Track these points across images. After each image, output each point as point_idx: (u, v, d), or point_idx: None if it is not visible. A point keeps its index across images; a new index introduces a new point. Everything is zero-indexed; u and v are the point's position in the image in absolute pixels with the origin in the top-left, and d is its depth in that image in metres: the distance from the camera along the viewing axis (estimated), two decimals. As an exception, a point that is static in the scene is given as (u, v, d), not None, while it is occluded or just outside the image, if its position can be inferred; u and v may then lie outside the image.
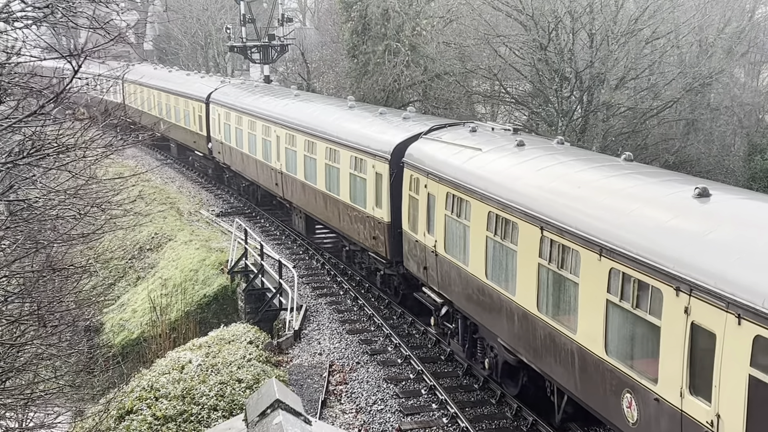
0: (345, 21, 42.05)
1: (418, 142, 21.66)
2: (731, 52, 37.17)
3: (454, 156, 19.33)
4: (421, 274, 21.19)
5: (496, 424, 17.56)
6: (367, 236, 24.07)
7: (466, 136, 20.21)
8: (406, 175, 21.47)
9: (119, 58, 46.87)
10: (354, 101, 29.48)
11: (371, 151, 23.39)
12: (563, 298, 14.62)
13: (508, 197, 16.31)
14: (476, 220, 17.60)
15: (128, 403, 18.00)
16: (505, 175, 17.06)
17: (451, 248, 19.07)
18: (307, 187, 28.79)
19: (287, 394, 5.91)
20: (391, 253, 22.86)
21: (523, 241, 15.70)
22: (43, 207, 12.43)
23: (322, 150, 26.96)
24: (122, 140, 14.82)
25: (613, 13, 33.90)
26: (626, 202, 13.71)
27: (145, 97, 52.47)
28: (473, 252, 17.83)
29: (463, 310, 18.98)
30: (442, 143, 20.48)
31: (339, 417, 18.16)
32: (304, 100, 32.62)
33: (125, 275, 33.91)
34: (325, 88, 47.62)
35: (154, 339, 26.45)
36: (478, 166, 18.15)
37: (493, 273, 17.07)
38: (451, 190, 18.80)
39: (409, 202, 21.38)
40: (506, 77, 38.03)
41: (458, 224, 18.61)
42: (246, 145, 35.75)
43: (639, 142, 34.88)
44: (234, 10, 61.15)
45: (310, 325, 23.60)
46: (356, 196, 24.61)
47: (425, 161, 20.51)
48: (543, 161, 16.96)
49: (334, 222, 26.78)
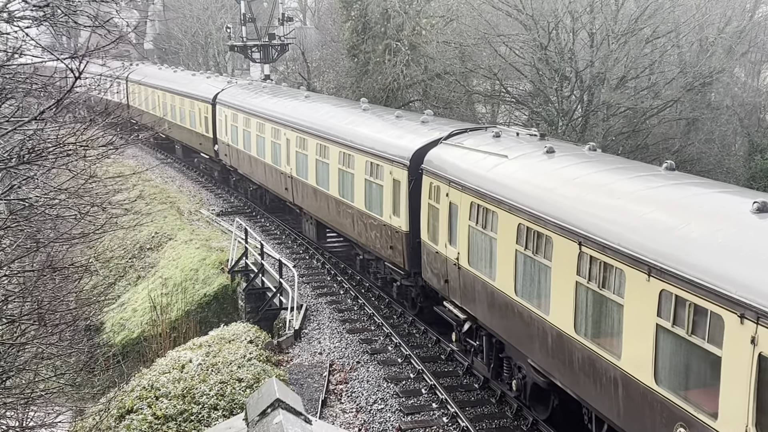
0: (345, 20, 42.06)
1: (437, 147, 20.58)
2: (732, 52, 37.16)
3: (478, 163, 18.23)
4: (441, 288, 20.07)
5: (497, 424, 17.56)
6: (383, 245, 23.07)
7: (489, 142, 19.11)
8: (426, 183, 20.41)
9: (120, 58, 46.87)
10: (367, 103, 28.46)
11: (388, 157, 22.34)
12: (605, 320, 13.43)
13: (541, 209, 15.15)
14: (504, 233, 16.43)
15: (128, 403, 18.02)
16: (536, 185, 15.93)
17: (476, 261, 17.94)
18: (319, 193, 27.73)
19: (287, 394, 5.91)
20: (409, 264, 21.80)
21: (558, 256, 14.53)
22: (44, 206, 12.44)
23: (335, 154, 25.96)
24: (123, 139, 14.83)
25: (613, 13, 33.92)
26: (677, 217, 12.54)
27: (149, 98, 51.69)
28: (501, 266, 16.65)
29: (488, 327, 17.85)
30: (465, 149, 19.43)
31: (339, 416, 18.17)
32: (315, 102, 31.62)
33: (125, 274, 33.91)
34: (326, 87, 47.62)
35: (155, 338, 26.45)
36: (506, 175, 17.03)
37: (523, 289, 15.89)
38: (476, 199, 17.64)
39: (429, 211, 20.35)
40: (506, 77, 38.04)
41: (484, 236, 17.44)
42: (254, 148, 34.70)
43: (639, 142, 34.91)
44: (234, 10, 61.19)
45: (310, 325, 23.60)
46: (372, 203, 23.54)
47: (446, 168, 19.40)
48: (577, 170, 15.84)
49: (348, 230, 25.71)
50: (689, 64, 35.15)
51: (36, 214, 12.67)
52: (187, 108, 44.96)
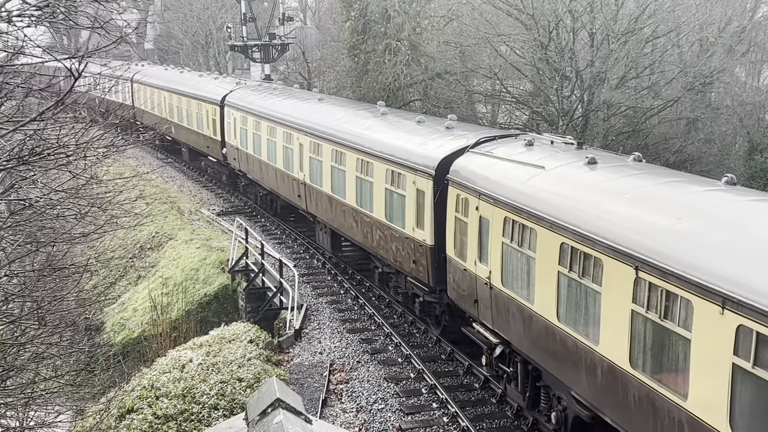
0: (345, 20, 42.07)
1: (465, 156, 19.23)
2: (732, 52, 37.18)
3: (512, 174, 16.91)
4: (470, 308, 18.63)
5: (497, 424, 17.56)
6: (405, 259, 21.67)
7: (521, 151, 17.80)
8: (452, 195, 19.01)
9: (120, 58, 46.82)
10: (385, 107, 27.32)
11: (411, 165, 20.95)
12: (668, 356, 12.10)
13: (588, 228, 13.75)
14: (544, 252, 15.06)
15: (129, 402, 18.03)
16: (581, 200, 14.57)
17: (510, 281, 16.53)
18: (335, 201, 26.29)
19: (288, 393, 5.92)
20: (434, 280, 20.36)
21: (610, 281, 13.15)
22: (44, 207, 12.45)
23: (353, 161, 24.57)
24: (124, 140, 14.84)
25: (613, 12, 33.93)
26: (754, 242, 11.23)
27: (155, 99, 50.59)
28: (540, 288, 15.27)
29: (524, 353, 16.48)
30: (495, 159, 18.05)
31: (340, 416, 18.18)
32: (330, 105, 30.17)
33: (126, 274, 33.93)
34: (326, 87, 47.62)
35: (155, 338, 26.46)
36: (544, 188, 15.70)
37: (567, 315, 14.53)
38: (510, 214, 16.25)
39: (456, 225, 18.91)
40: (507, 76, 38.06)
41: (520, 255, 16.07)
42: (265, 153, 33.27)
43: (640, 142, 34.91)
44: (235, 9, 61.19)
45: (310, 324, 23.61)
46: (393, 214, 22.19)
47: (475, 180, 18.01)
48: (626, 183, 14.49)
49: (366, 241, 24.29)
50: (689, 64, 35.15)
51: (36, 215, 12.68)
52: (194, 110, 43.92)
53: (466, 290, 18.67)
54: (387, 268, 23.81)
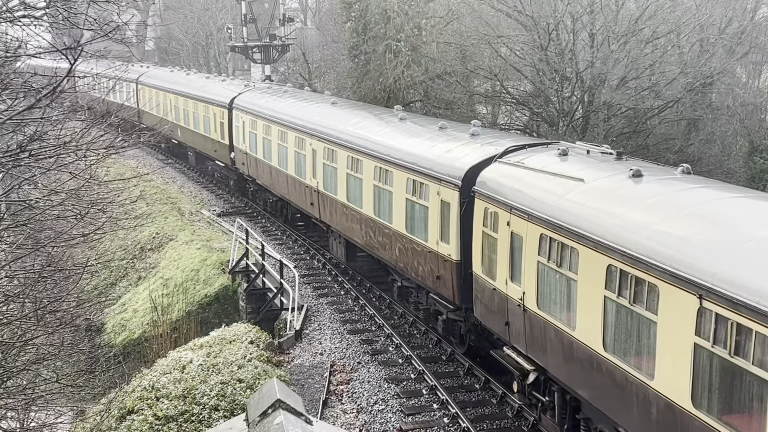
0: (345, 21, 42.07)
1: (493, 166, 18.07)
2: (732, 52, 37.17)
3: (548, 188, 15.82)
4: (500, 330, 17.43)
5: (497, 424, 17.55)
6: (428, 274, 20.49)
7: (555, 161, 16.69)
8: (479, 208, 17.83)
9: (120, 59, 46.70)
10: (403, 111, 26.23)
11: (435, 175, 19.74)
12: (738, 398, 10.90)
13: (641, 249, 12.53)
14: (588, 274, 13.89)
15: (129, 403, 18.04)
16: (629, 218, 13.40)
17: (547, 304, 15.35)
18: (350, 211, 25.06)
19: (288, 394, 5.91)
20: (460, 298, 19.20)
21: (667, 310, 11.91)
22: (44, 207, 12.44)
23: (370, 169, 23.40)
24: (124, 140, 14.83)
25: (613, 13, 33.94)
26: None
27: (161, 101, 49.38)
28: (583, 314, 14.06)
29: (562, 383, 15.23)
30: (527, 170, 16.90)
31: (340, 417, 18.17)
32: (344, 109, 29.09)
33: (126, 275, 33.93)
34: (326, 88, 47.62)
35: (156, 339, 26.46)
36: (585, 203, 14.57)
37: (615, 345, 13.28)
38: (547, 231, 15.09)
39: (484, 240, 17.73)
40: (507, 77, 38.03)
41: (558, 276, 14.90)
42: (275, 158, 32.07)
43: (640, 142, 34.93)
44: (235, 10, 61.23)
45: (311, 325, 23.60)
46: (414, 226, 21.05)
47: (506, 192, 16.84)
48: (679, 198, 13.30)
49: (384, 253, 23.10)
50: (690, 65, 35.14)
51: (36, 215, 12.68)
52: (201, 113, 42.66)
53: (495, 311, 17.42)
54: (407, 282, 22.72)
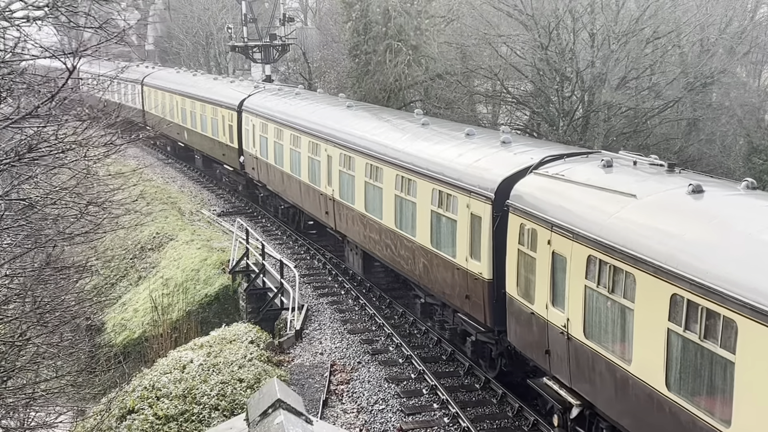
0: (346, 21, 42.11)
1: (529, 178, 16.74)
2: (732, 52, 37.19)
3: (594, 203, 14.48)
4: (539, 358, 16.05)
5: (498, 424, 17.54)
6: (456, 293, 19.12)
7: (600, 174, 15.40)
8: (514, 223, 16.45)
9: (120, 58, 46.68)
10: (424, 115, 24.87)
11: (464, 186, 18.34)
12: None
13: (712, 278, 11.24)
14: (648, 303, 12.53)
15: (130, 403, 18.04)
16: (696, 242, 12.12)
17: (596, 333, 13.97)
18: (369, 221, 23.68)
19: (288, 394, 5.91)
20: (493, 319, 17.78)
21: (747, 349, 10.63)
22: (44, 206, 12.44)
23: (390, 178, 22.03)
24: (123, 139, 14.83)
25: (614, 13, 33.95)
26: None
27: (167, 103, 48.10)
28: (641, 347, 12.72)
29: (613, 420, 13.94)
30: (568, 183, 15.57)
31: (340, 417, 18.17)
32: (361, 113, 27.61)
33: (126, 275, 33.94)
34: (327, 87, 47.65)
35: (156, 338, 26.45)
36: (640, 222, 13.28)
37: (681, 385, 11.94)
38: (596, 252, 13.75)
39: (519, 259, 16.36)
40: (507, 77, 38.08)
41: (611, 303, 13.53)
42: (287, 163, 30.67)
43: (640, 142, 34.94)
44: (235, 10, 61.24)
45: (311, 325, 23.60)
46: (441, 240, 19.67)
47: (546, 208, 15.50)
48: (752, 219, 12.18)
49: (407, 268, 21.77)
50: (690, 65, 35.18)
51: (36, 214, 12.68)
52: (209, 115, 41.32)
53: (533, 337, 16.02)
54: (431, 299, 21.34)
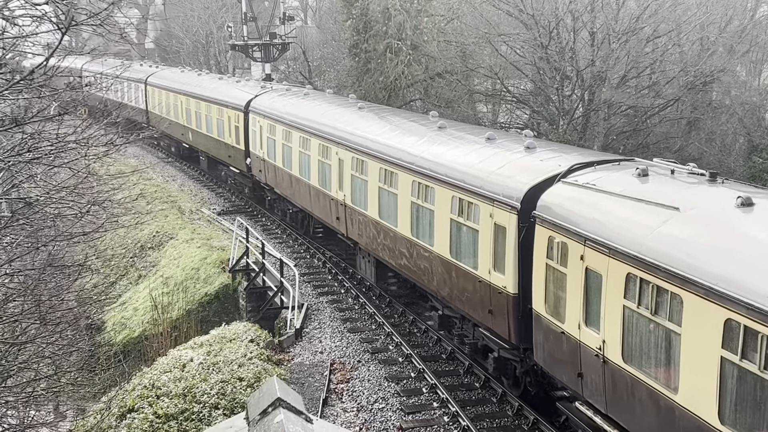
0: (346, 19, 42.11)
1: (557, 188, 15.70)
2: (733, 51, 37.20)
3: (632, 216, 13.50)
4: (570, 381, 15.02)
5: (498, 423, 17.55)
6: (478, 307, 18.12)
7: (635, 183, 14.44)
8: (542, 236, 15.44)
9: (120, 57, 46.55)
10: (440, 118, 24.01)
11: (487, 194, 17.32)
12: None
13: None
14: (697, 327, 11.56)
15: (130, 402, 18.05)
16: (753, 263, 11.18)
17: (637, 358, 12.96)
18: (383, 229, 22.75)
19: (288, 393, 5.91)
20: (518, 336, 16.79)
21: None
22: (44, 205, 12.45)
23: (407, 184, 21.02)
24: (123, 138, 14.82)
25: (614, 12, 33.94)
26: None
27: (171, 103, 47.45)
28: (689, 375, 11.69)
29: None
30: (601, 193, 14.57)
31: (340, 415, 18.17)
32: (375, 115, 26.62)
33: (126, 274, 33.94)
34: (327, 86, 47.65)
35: (156, 337, 26.46)
36: (686, 238, 12.35)
37: (737, 418, 10.99)
38: (637, 270, 12.76)
39: (548, 274, 15.37)
40: (507, 76, 38.09)
41: (654, 326, 12.55)
42: (296, 167, 29.68)
43: (640, 141, 34.97)
44: (235, 9, 61.26)
45: (311, 324, 23.60)
46: (461, 251, 18.67)
47: (577, 220, 14.48)
48: None
49: (423, 279, 20.85)
50: (690, 63, 35.16)
51: (36, 213, 12.68)
52: (214, 115, 40.32)
53: (564, 358, 15.02)
54: (449, 311, 20.27)
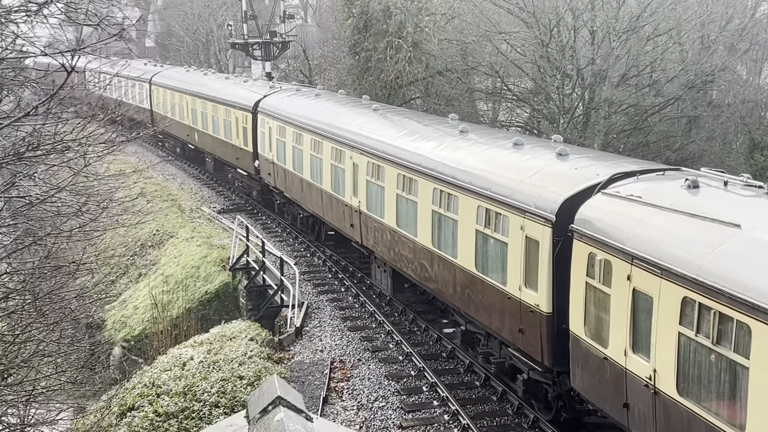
0: (346, 18, 42.09)
1: (597, 199, 14.60)
2: (733, 49, 37.20)
3: (687, 233, 12.40)
4: (613, 411, 13.95)
5: (498, 421, 17.54)
6: (506, 324, 17.03)
7: (686, 196, 13.32)
8: (580, 251, 14.36)
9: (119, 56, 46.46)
10: (460, 121, 23.25)
11: (517, 205, 16.21)
12: None
13: None
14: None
15: (130, 400, 18.06)
16: None
17: (695, 391, 11.82)
18: (401, 238, 21.68)
19: (289, 391, 5.91)
20: (551, 359, 15.64)
21: None
22: (43, 203, 12.44)
23: (427, 191, 19.96)
24: (123, 136, 14.82)
25: (614, 10, 33.94)
26: None
27: (176, 103, 46.75)
28: (759, 413, 10.64)
29: None
30: (649, 206, 13.45)
31: (340, 414, 18.17)
32: (391, 118, 25.45)
33: (127, 272, 33.95)
34: (327, 85, 47.66)
35: (156, 336, 26.47)
36: (755, 260, 11.25)
37: None
38: (695, 294, 11.62)
39: (588, 293, 14.26)
40: (508, 74, 38.11)
41: (716, 357, 11.39)
42: (307, 170, 28.69)
43: (641, 140, 34.98)
44: (235, 7, 61.26)
45: (311, 322, 23.60)
46: (488, 264, 17.57)
47: (622, 236, 13.37)
48: None
49: (445, 292, 19.76)
50: (691, 62, 35.18)
51: (36, 211, 12.67)
52: (221, 116, 39.52)
53: (606, 387, 13.95)
54: (472, 326, 19.29)
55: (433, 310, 23.08)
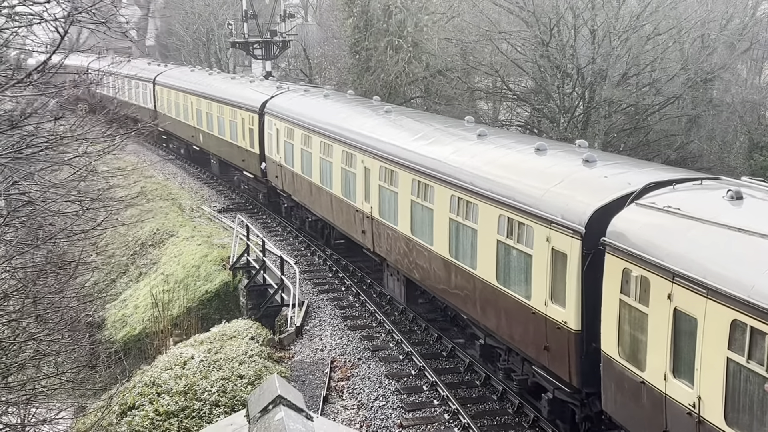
0: (347, 17, 42.13)
1: (631, 210, 13.75)
2: (733, 49, 37.20)
3: (734, 250, 11.63)
4: None
5: (498, 420, 17.55)
6: (530, 341, 16.21)
7: (729, 208, 12.53)
8: (614, 267, 13.51)
9: (119, 54, 46.47)
10: (479, 125, 22.32)
11: (543, 215, 15.35)
12: None
13: None
14: None
15: (130, 399, 18.06)
16: None
17: (745, 422, 11.03)
18: (416, 247, 20.83)
19: (289, 390, 5.91)
20: (580, 379, 14.78)
21: None
22: (44, 202, 12.44)
23: (444, 198, 19.08)
24: (123, 135, 14.82)
25: (614, 10, 33.95)
26: None
27: (181, 104, 46.24)
28: None
29: None
30: (689, 219, 12.66)
31: (341, 413, 18.18)
32: (404, 121, 24.52)
33: (127, 271, 33.95)
34: (327, 84, 47.67)
35: (156, 335, 26.48)
36: None
37: None
38: (746, 317, 10.79)
39: (622, 311, 13.40)
40: (508, 73, 38.10)
41: None
42: (316, 174, 27.83)
43: (641, 139, 34.99)
44: (236, 6, 61.28)
45: (311, 322, 23.60)
46: (510, 277, 16.65)
47: (660, 252, 12.54)
48: None
49: (463, 304, 18.92)
50: (691, 61, 35.17)
51: (37, 211, 12.68)
52: (226, 117, 38.71)
53: (643, 413, 13.04)
54: (492, 340, 18.46)
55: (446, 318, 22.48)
